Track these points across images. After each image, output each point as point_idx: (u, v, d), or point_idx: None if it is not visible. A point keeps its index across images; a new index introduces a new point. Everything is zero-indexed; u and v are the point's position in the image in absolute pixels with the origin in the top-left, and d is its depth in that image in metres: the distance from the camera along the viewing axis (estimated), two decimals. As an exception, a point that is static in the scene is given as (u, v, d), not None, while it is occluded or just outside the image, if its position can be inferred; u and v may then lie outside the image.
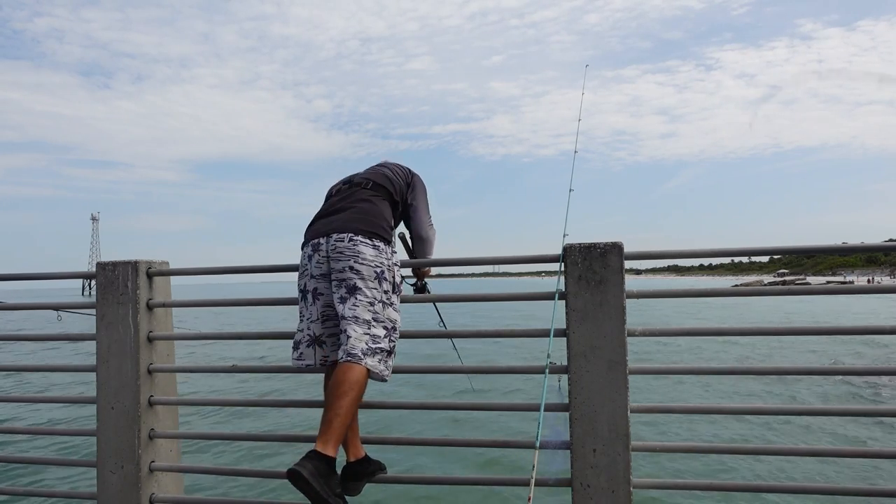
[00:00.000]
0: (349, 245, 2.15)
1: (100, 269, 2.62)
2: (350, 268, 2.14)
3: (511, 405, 2.46)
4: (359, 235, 2.17)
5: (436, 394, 10.78)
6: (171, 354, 2.76)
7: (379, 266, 2.17)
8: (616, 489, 2.11)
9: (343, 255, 2.15)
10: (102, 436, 2.57)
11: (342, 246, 2.16)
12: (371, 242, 2.18)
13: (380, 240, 2.22)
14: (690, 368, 2.34)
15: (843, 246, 2.30)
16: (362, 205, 2.29)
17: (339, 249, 2.16)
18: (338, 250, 2.16)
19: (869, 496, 2.15)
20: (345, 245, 2.16)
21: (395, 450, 6.56)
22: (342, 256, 2.15)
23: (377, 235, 2.22)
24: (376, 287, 2.16)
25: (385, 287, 2.19)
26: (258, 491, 5.50)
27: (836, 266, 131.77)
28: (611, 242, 2.18)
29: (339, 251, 2.16)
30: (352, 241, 2.16)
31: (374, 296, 2.15)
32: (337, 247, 2.16)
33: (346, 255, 2.15)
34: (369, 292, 2.14)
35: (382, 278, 2.18)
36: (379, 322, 2.14)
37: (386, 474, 2.38)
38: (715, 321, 24.58)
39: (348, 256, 2.15)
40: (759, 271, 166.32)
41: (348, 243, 2.16)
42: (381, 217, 2.29)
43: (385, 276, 2.19)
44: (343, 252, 2.15)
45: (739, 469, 6.19)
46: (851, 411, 2.26)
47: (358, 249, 2.15)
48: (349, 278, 2.14)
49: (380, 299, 2.16)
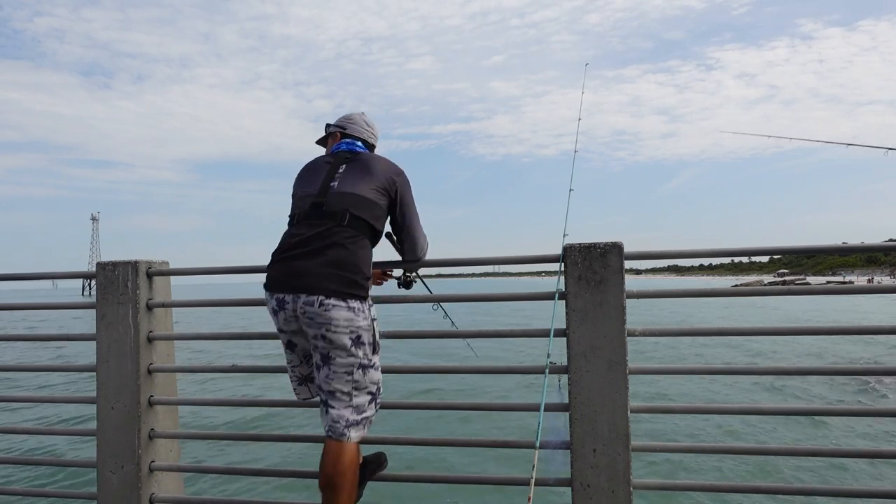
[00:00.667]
0: (320, 311, 1.91)
1: (100, 269, 2.62)
2: (322, 336, 1.94)
3: (511, 405, 2.46)
4: (331, 298, 1.92)
5: (436, 394, 10.78)
6: (171, 354, 2.76)
7: (354, 330, 1.96)
8: (616, 489, 2.11)
9: (313, 321, 1.93)
10: (102, 436, 2.57)
11: (312, 311, 1.92)
12: (346, 304, 1.94)
13: (356, 298, 1.97)
14: (690, 368, 2.34)
15: (843, 246, 2.30)
16: (336, 252, 1.97)
17: (308, 315, 1.93)
18: (307, 315, 1.93)
19: (869, 497, 2.15)
20: (315, 311, 1.92)
21: (395, 450, 6.56)
22: (312, 323, 1.94)
23: (352, 295, 1.96)
24: (353, 354, 1.97)
25: (364, 350, 1.99)
26: (258, 491, 5.51)
27: (836, 266, 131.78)
28: (611, 242, 2.18)
29: (310, 316, 1.93)
30: (322, 307, 1.91)
31: (351, 363, 1.96)
32: (307, 311, 1.93)
33: (316, 322, 1.93)
34: (346, 360, 1.96)
35: (359, 343, 1.97)
36: (361, 389, 1.99)
37: (385, 470, 2.39)
38: (715, 321, 24.58)
39: (319, 324, 1.93)
40: (759, 271, 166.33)
41: (319, 308, 1.91)
42: (358, 268, 2.00)
43: (363, 339, 1.98)
44: (313, 318, 1.93)
45: (740, 469, 6.19)
46: (851, 411, 2.26)
47: (330, 315, 1.91)
48: (322, 347, 1.95)
49: (358, 365, 1.97)
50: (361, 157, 2.22)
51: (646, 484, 2.19)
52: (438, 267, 2.56)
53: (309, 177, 2.20)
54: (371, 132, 2.42)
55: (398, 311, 31.89)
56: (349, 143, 2.33)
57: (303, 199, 2.13)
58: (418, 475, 2.62)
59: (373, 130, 2.43)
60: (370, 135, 2.41)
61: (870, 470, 6.03)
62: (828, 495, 2.14)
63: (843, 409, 2.21)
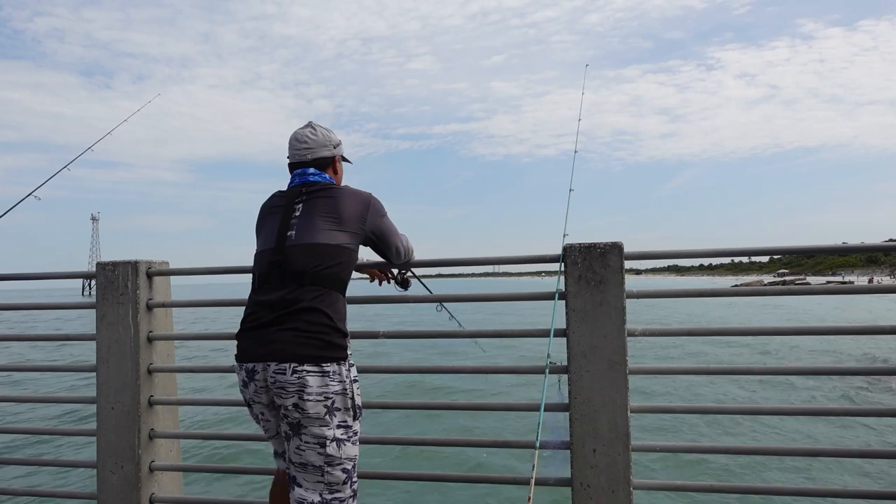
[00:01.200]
0: (292, 379, 1.76)
1: (100, 269, 2.62)
2: (295, 405, 1.78)
3: (511, 405, 2.46)
4: (304, 364, 1.77)
5: (436, 393, 10.79)
6: (171, 354, 2.76)
7: (329, 397, 1.79)
8: (616, 489, 2.11)
9: (285, 390, 1.77)
10: (102, 436, 2.57)
11: (283, 380, 1.77)
12: (319, 368, 1.78)
13: (331, 361, 1.81)
14: (690, 368, 2.34)
15: (843, 246, 2.30)
16: (305, 316, 1.81)
17: (279, 384, 1.77)
18: (278, 384, 1.78)
19: (870, 498, 2.15)
20: (286, 379, 1.76)
21: (395, 449, 6.56)
22: (284, 392, 1.78)
23: (327, 358, 1.80)
24: (327, 424, 1.79)
25: (339, 419, 1.81)
26: (258, 491, 5.50)
27: (836, 266, 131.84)
28: (611, 242, 2.18)
29: (281, 385, 1.77)
30: (295, 374, 1.76)
31: (324, 434, 1.78)
32: (277, 380, 1.77)
33: (288, 392, 1.77)
34: (318, 430, 1.78)
35: (334, 410, 1.80)
36: (335, 465, 1.79)
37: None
38: (715, 321, 24.58)
39: (291, 392, 1.77)
40: (759, 271, 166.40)
41: (291, 376, 1.76)
42: (330, 327, 1.84)
43: (337, 405, 1.81)
44: (285, 387, 1.77)
45: (739, 470, 6.19)
46: (852, 411, 2.25)
47: (303, 382, 1.76)
48: (293, 417, 1.79)
49: (332, 437, 1.79)
50: (319, 191, 1.96)
51: (646, 484, 2.19)
52: (438, 267, 2.56)
53: (266, 223, 2.00)
54: (324, 141, 2.07)
55: (401, 311, 31.89)
56: (300, 173, 2.03)
57: (261, 256, 1.95)
58: (418, 474, 2.62)
59: (329, 137, 2.08)
60: (324, 145, 2.06)
61: (870, 470, 6.03)
62: (828, 496, 2.14)
63: (844, 409, 2.21)
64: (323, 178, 2.02)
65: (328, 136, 2.08)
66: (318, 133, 2.06)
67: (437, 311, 2.62)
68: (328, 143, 2.07)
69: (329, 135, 2.09)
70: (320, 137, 2.06)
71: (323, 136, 2.06)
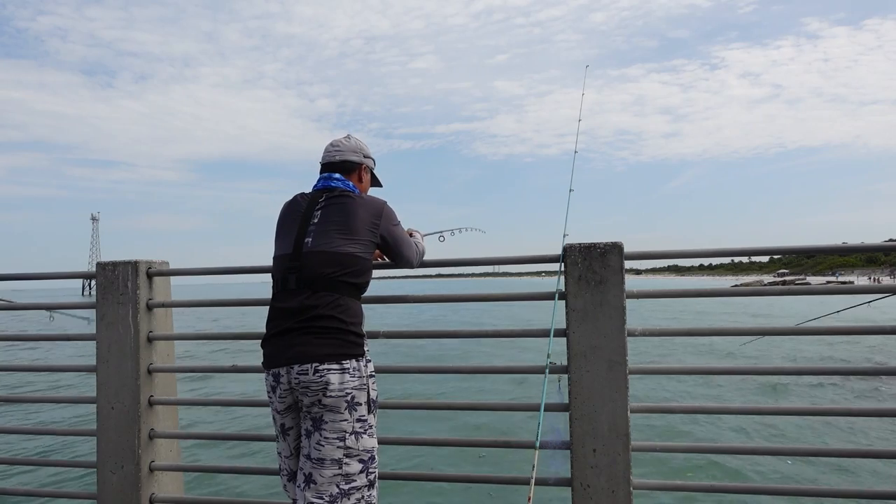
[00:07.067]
0: (315, 378, 1.87)
1: (100, 269, 2.62)
2: (318, 401, 1.89)
3: (511, 405, 2.46)
4: (325, 363, 1.87)
5: (437, 392, 10.78)
6: (171, 354, 2.77)
7: (349, 392, 1.89)
8: (616, 489, 2.11)
9: (310, 389, 1.88)
10: (102, 436, 2.57)
11: (307, 380, 1.87)
12: (340, 366, 1.89)
13: (349, 358, 1.91)
14: (690, 368, 2.35)
15: (843, 246, 2.30)
16: (323, 322, 1.91)
17: (303, 384, 1.88)
18: (303, 385, 1.88)
19: (869, 497, 2.15)
20: (310, 378, 1.87)
21: (395, 449, 6.56)
22: (308, 391, 1.88)
23: (346, 355, 1.91)
24: (346, 417, 1.89)
25: (358, 413, 1.91)
26: (258, 491, 5.50)
27: (836, 266, 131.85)
28: (611, 242, 2.18)
29: (305, 385, 1.88)
30: (317, 373, 1.86)
31: (343, 428, 1.88)
32: (301, 381, 1.88)
33: (312, 390, 1.88)
34: (338, 424, 1.88)
35: (354, 405, 1.90)
36: (353, 456, 1.89)
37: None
38: (715, 321, 24.58)
39: (315, 391, 1.88)
40: (759, 271, 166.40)
41: (314, 376, 1.87)
42: (348, 327, 1.94)
43: (357, 399, 1.91)
44: (309, 387, 1.88)
45: (740, 470, 6.19)
46: (851, 411, 2.25)
47: (325, 381, 1.86)
48: (316, 412, 1.90)
49: (351, 430, 1.89)
50: (337, 198, 2.05)
51: (646, 484, 2.19)
52: (438, 267, 2.56)
53: (286, 226, 2.09)
54: (355, 147, 2.21)
55: (403, 309, 31.87)
56: (325, 177, 2.15)
57: (280, 262, 2.04)
58: (419, 474, 2.62)
59: (360, 147, 2.23)
60: (353, 151, 2.20)
61: (870, 470, 6.03)
62: (828, 496, 2.14)
63: (844, 409, 2.21)
64: (345, 185, 2.13)
65: (360, 146, 2.23)
66: (351, 140, 2.23)
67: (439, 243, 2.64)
68: (358, 150, 2.22)
69: (361, 144, 2.24)
70: (352, 144, 2.22)
71: (355, 144, 2.22)
